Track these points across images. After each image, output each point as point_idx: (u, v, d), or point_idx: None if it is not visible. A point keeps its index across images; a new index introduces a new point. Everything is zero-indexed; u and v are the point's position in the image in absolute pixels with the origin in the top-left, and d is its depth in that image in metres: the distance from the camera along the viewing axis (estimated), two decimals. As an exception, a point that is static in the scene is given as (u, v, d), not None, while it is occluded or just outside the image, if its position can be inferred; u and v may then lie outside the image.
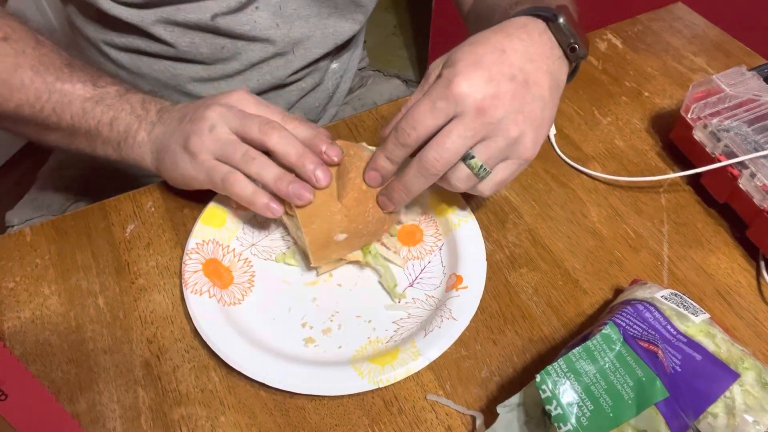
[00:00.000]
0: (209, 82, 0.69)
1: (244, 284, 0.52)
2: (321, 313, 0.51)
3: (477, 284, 0.50)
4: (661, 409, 0.37)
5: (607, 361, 0.39)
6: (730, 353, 0.41)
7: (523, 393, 0.42)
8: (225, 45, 0.66)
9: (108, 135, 0.53)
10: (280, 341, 0.49)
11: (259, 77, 0.70)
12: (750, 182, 0.52)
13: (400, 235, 0.56)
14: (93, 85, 0.53)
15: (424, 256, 0.54)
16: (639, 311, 0.43)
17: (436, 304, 0.51)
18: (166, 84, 0.69)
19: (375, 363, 0.46)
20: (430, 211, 0.57)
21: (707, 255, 0.55)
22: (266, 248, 0.55)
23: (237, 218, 0.56)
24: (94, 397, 0.46)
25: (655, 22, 0.78)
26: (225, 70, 0.68)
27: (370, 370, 0.45)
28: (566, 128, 0.66)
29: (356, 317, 0.50)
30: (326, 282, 0.53)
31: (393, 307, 0.51)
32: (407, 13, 2.22)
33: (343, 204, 0.49)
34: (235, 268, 0.53)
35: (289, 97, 0.75)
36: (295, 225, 0.51)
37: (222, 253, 0.53)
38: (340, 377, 0.45)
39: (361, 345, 0.49)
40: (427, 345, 0.46)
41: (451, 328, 0.47)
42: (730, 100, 0.58)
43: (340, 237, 0.49)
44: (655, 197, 0.59)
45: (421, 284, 0.53)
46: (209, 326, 0.47)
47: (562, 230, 0.57)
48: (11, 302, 0.51)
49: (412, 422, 0.45)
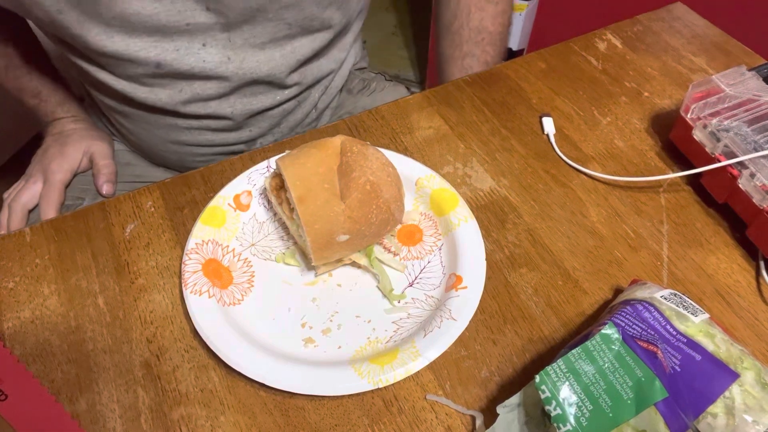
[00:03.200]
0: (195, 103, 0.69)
1: (244, 284, 0.52)
2: (321, 314, 0.51)
3: (476, 284, 0.50)
4: (661, 410, 0.37)
5: (606, 362, 0.39)
6: (730, 353, 0.41)
7: (523, 393, 0.42)
8: (182, 88, 0.65)
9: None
10: (279, 341, 0.49)
11: (233, 108, 0.69)
12: (749, 182, 0.52)
13: (399, 235, 0.56)
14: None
15: (424, 256, 0.54)
16: (638, 311, 0.43)
17: (435, 304, 0.50)
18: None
19: (375, 363, 0.46)
20: (430, 211, 0.57)
21: (707, 255, 0.55)
22: (266, 248, 0.55)
23: (236, 218, 0.56)
24: (94, 397, 0.46)
25: (654, 22, 0.78)
26: (196, 109, 0.68)
27: (369, 371, 0.45)
28: (566, 128, 0.66)
29: (356, 317, 0.50)
30: (326, 282, 0.53)
31: (392, 310, 0.51)
32: (407, 13, 2.22)
33: (346, 205, 0.48)
34: (234, 268, 0.53)
35: (272, 121, 0.74)
36: (295, 225, 0.51)
37: (222, 253, 0.53)
38: (339, 377, 0.45)
39: (361, 345, 0.49)
40: (426, 345, 0.46)
41: (451, 329, 0.47)
42: (730, 100, 0.58)
43: (342, 238, 0.49)
44: (654, 197, 0.59)
45: (421, 284, 0.52)
46: (209, 326, 0.47)
47: (562, 230, 0.57)
48: (11, 302, 0.51)
49: (412, 422, 0.45)
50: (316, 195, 0.48)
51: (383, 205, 0.50)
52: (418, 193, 0.58)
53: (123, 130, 0.75)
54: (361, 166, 0.49)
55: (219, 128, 0.70)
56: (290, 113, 0.75)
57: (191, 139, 0.71)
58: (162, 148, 0.73)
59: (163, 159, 0.76)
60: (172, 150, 0.73)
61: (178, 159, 0.74)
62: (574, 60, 0.73)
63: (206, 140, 0.71)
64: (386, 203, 0.50)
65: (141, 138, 0.73)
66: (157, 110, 0.67)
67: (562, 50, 0.74)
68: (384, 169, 0.51)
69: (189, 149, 0.72)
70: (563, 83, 0.70)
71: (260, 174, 0.58)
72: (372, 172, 0.50)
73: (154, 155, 0.76)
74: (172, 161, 0.76)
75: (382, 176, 0.50)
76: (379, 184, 0.50)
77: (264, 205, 0.57)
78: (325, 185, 0.49)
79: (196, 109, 0.67)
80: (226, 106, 0.68)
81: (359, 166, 0.49)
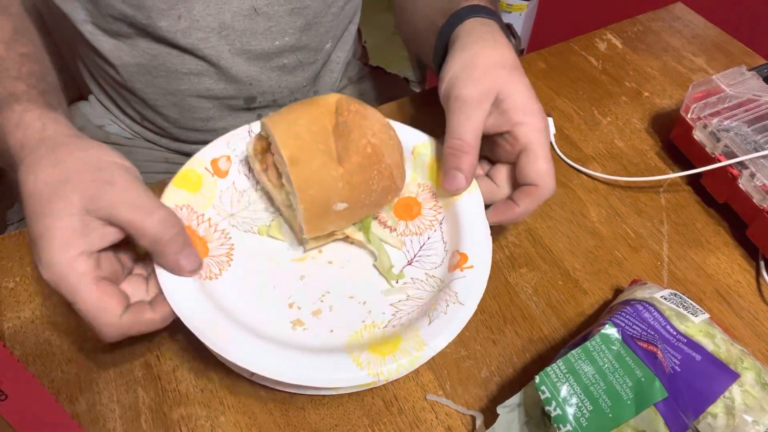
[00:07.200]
0: None
1: (222, 257, 0.46)
2: (310, 293, 0.46)
3: (483, 264, 0.45)
4: (661, 410, 0.37)
5: (606, 362, 0.39)
6: (730, 353, 0.41)
7: (523, 393, 0.42)
8: (181, 14, 0.61)
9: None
10: (263, 322, 0.43)
11: (231, 45, 0.66)
12: (750, 182, 0.52)
13: (396, 208, 0.51)
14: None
15: (423, 232, 0.49)
16: (638, 311, 0.43)
17: (438, 285, 0.46)
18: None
19: (374, 353, 0.41)
20: (429, 182, 0.51)
21: (707, 255, 0.55)
22: (246, 219, 0.49)
23: (213, 185, 0.49)
24: (94, 397, 0.46)
25: (654, 22, 0.78)
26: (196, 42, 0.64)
27: (369, 361, 0.41)
28: (566, 128, 0.66)
29: (349, 298, 0.46)
30: (315, 259, 0.48)
31: (390, 290, 0.47)
32: (407, 13, 2.21)
33: (345, 169, 0.43)
34: (211, 239, 0.47)
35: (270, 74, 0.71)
36: (284, 193, 0.46)
37: (197, 221, 0.47)
38: (335, 366, 0.40)
39: (356, 330, 0.44)
40: (432, 333, 0.42)
41: (459, 314, 0.43)
42: (730, 100, 0.58)
43: (340, 206, 0.44)
44: (654, 197, 0.59)
45: (421, 262, 0.48)
46: (183, 300, 0.41)
47: (562, 230, 0.57)
48: (11, 302, 0.51)
49: (412, 422, 0.45)
50: (311, 156, 0.43)
51: (385, 170, 0.45)
52: (416, 162, 0.52)
53: (123, 102, 0.72)
54: (361, 127, 0.44)
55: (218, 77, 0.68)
56: (290, 72, 0.71)
57: (189, 88, 0.68)
58: (161, 103, 0.70)
59: (164, 118, 0.73)
60: (171, 103, 0.70)
61: (178, 115, 0.72)
62: (574, 60, 0.73)
63: (205, 89, 0.69)
64: (389, 169, 0.45)
65: (140, 94, 0.69)
66: (157, 38, 0.63)
67: (562, 50, 0.74)
68: (385, 130, 0.46)
69: (189, 101, 0.70)
70: (563, 83, 0.70)
71: (241, 139, 0.52)
72: (373, 133, 0.45)
73: (155, 119, 0.73)
74: (172, 119, 0.73)
75: (384, 138, 0.45)
76: (381, 147, 0.45)
77: (245, 173, 0.51)
78: (320, 146, 0.44)
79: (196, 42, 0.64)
80: (224, 42, 0.65)
81: (358, 126, 0.44)
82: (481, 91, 0.47)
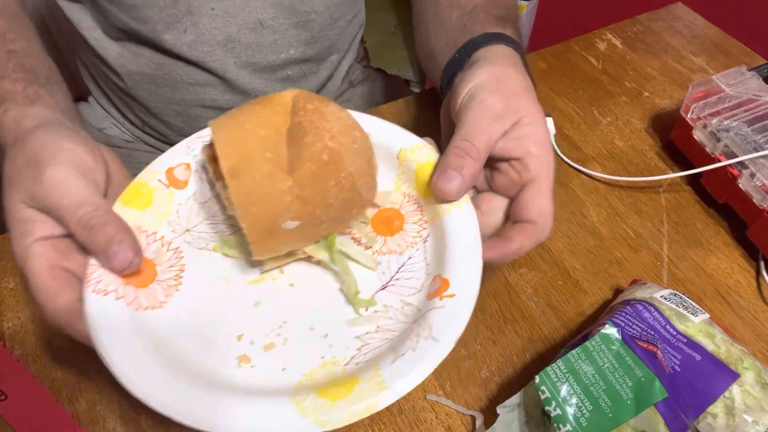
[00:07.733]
0: None
1: (170, 281, 0.40)
2: (264, 323, 0.39)
3: (467, 293, 0.37)
4: (661, 410, 0.37)
5: (606, 362, 0.39)
6: (730, 353, 0.41)
7: (523, 393, 0.42)
8: (186, 27, 0.62)
9: None
10: (205, 359, 0.37)
11: (237, 58, 0.66)
12: (750, 182, 0.52)
13: (374, 221, 0.44)
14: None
15: (404, 251, 0.42)
16: (638, 311, 0.43)
17: (414, 315, 0.39)
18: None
19: (323, 397, 0.34)
20: (415, 192, 0.44)
21: (707, 255, 0.55)
22: (203, 235, 0.43)
23: (169, 198, 0.43)
24: (94, 397, 0.46)
25: (654, 22, 0.78)
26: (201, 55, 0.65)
27: (315, 407, 0.33)
28: (566, 128, 0.66)
29: (309, 330, 0.39)
30: (275, 280, 0.41)
31: (357, 320, 0.39)
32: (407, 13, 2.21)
33: (294, 180, 0.37)
34: (160, 261, 0.41)
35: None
36: (233, 207, 0.39)
37: (146, 242, 0.41)
38: (272, 413, 0.33)
39: (312, 368, 0.37)
40: (395, 374, 0.34)
41: (429, 352, 0.35)
42: (730, 100, 0.58)
43: (290, 225, 0.37)
44: (654, 197, 0.59)
45: (397, 287, 0.40)
46: (107, 336, 0.36)
47: (562, 230, 0.57)
48: (11, 302, 0.51)
49: (412, 422, 0.45)
50: (255, 167, 0.36)
51: (345, 180, 0.38)
52: (401, 168, 0.44)
53: (125, 107, 0.73)
54: (318, 128, 0.37)
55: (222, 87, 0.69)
56: (294, 82, 0.72)
57: (194, 98, 0.68)
58: (165, 111, 0.71)
59: (167, 126, 0.73)
60: (174, 112, 0.70)
61: (181, 123, 0.72)
62: (574, 60, 0.73)
63: (210, 99, 0.69)
64: (350, 178, 0.38)
65: (143, 101, 0.70)
66: (163, 50, 0.64)
67: (562, 50, 0.74)
68: (348, 132, 0.39)
69: (193, 111, 0.70)
70: (563, 83, 0.70)
71: (202, 142, 0.45)
72: (332, 136, 0.38)
73: (157, 126, 0.73)
74: (175, 127, 0.73)
75: (345, 142, 0.38)
76: (340, 152, 0.38)
77: (208, 181, 0.45)
78: (267, 154, 0.37)
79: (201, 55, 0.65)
80: (230, 55, 0.65)
81: (314, 129, 0.37)
82: (508, 107, 0.43)
